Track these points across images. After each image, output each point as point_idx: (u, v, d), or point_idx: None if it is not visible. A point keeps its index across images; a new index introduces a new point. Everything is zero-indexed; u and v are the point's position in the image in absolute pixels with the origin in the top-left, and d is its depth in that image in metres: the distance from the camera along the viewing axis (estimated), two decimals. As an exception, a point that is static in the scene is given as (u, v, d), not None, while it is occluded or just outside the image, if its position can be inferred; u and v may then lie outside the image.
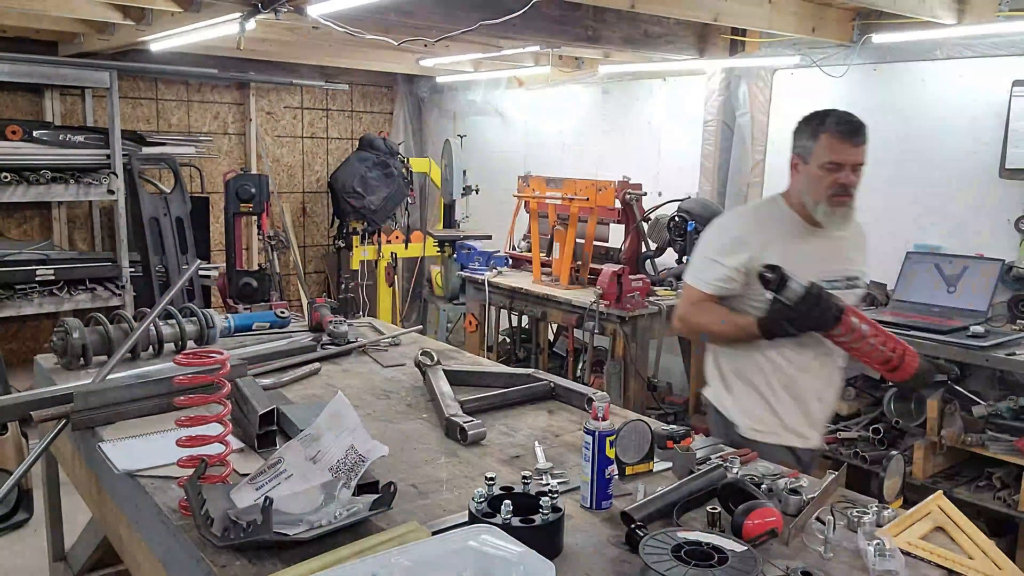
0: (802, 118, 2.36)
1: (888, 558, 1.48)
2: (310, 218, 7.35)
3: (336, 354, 2.87)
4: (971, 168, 4.02)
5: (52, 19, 4.59)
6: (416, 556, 1.29)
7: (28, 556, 3.68)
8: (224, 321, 2.98)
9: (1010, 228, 3.85)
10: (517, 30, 3.77)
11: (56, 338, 2.60)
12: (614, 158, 5.70)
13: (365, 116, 7.55)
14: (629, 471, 1.90)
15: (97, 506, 2.27)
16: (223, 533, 1.53)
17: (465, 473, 1.91)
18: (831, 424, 3.79)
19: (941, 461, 3.46)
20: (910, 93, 4.26)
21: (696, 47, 4.76)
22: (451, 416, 2.15)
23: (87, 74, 5.15)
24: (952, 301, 3.64)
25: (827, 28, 4.19)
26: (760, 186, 4.92)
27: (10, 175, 4.70)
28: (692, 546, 1.45)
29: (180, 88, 6.48)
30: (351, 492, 1.60)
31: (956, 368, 3.32)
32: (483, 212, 6.44)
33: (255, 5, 3.37)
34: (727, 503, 1.67)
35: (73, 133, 5.08)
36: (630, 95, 5.77)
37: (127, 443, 2.01)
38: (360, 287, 6.39)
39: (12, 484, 2.20)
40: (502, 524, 1.46)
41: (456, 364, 2.74)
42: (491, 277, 4.99)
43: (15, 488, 3.77)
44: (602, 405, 1.74)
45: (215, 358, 1.84)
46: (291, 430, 1.98)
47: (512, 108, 6.69)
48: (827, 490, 1.74)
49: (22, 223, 5.84)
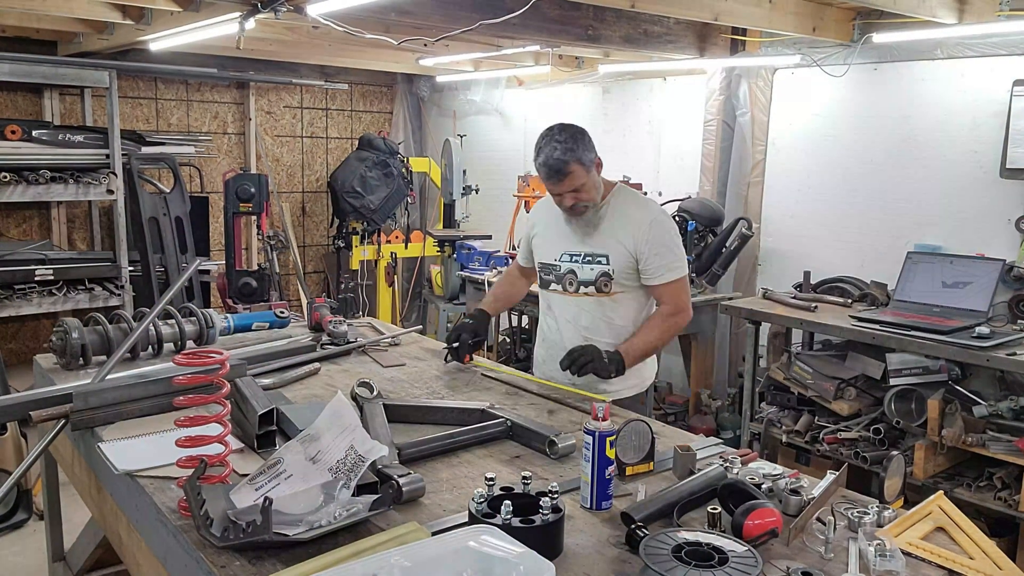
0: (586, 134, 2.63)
1: (888, 558, 1.48)
2: (310, 218, 7.35)
3: (336, 354, 2.86)
4: (971, 168, 4.02)
5: (52, 19, 4.59)
6: (416, 556, 1.29)
7: (28, 556, 3.68)
8: (224, 321, 2.97)
9: (1010, 228, 3.85)
10: (517, 30, 3.77)
11: (55, 338, 2.59)
12: (614, 157, 5.69)
13: (365, 116, 7.54)
14: (629, 471, 1.89)
15: (97, 506, 2.26)
16: (223, 533, 1.52)
17: (465, 473, 1.91)
18: (832, 424, 3.81)
19: (942, 461, 3.46)
20: (910, 93, 4.26)
21: (696, 46, 4.76)
22: (383, 468, 1.75)
23: (86, 74, 5.15)
24: (952, 301, 3.64)
25: (827, 28, 4.18)
26: (760, 185, 4.92)
27: (9, 175, 4.69)
28: (692, 546, 1.44)
29: (179, 88, 6.47)
30: (351, 492, 1.60)
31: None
32: (483, 212, 6.44)
33: (255, 4, 3.36)
34: (727, 503, 1.66)
35: (72, 133, 5.07)
36: (630, 94, 5.77)
37: (126, 443, 2.01)
38: (360, 287, 6.39)
39: (12, 484, 2.20)
40: (502, 524, 1.45)
41: (398, 399, 2.39)
42: (491, 277, 4.99)
43: (15, 488, 3.77)
44: (601, 406, 1.74)
45: (214, 358, 1.83)
46: (291, 430, 1.98)
47: (512, 108, 6.69)
48: (827, 490, 1.74)
49: (21, 223, 5.84)
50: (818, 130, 4.68)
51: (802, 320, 3.87)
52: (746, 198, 4.99)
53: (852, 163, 4.53)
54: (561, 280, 2.76)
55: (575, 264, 2.73)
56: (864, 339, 3.59)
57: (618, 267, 2.67)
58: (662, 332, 2.70)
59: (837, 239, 4.60)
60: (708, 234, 4.79)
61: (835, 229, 4.62)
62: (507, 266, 5.28)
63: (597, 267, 2.69)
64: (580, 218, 2.70)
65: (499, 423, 2.14)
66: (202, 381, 1.87)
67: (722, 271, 4.75)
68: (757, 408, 4.20)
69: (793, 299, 4.10)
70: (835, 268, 4.47)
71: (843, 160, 4.57)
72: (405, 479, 1.72)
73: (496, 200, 6.39)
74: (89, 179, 5.00)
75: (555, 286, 2.79)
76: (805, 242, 4.73)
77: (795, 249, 4.80)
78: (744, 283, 5.01)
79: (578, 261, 2.73)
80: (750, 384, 4.17)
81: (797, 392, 3.99)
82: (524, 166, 6.32)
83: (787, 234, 4.86)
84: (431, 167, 6.82)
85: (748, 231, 4.62)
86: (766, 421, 4.03)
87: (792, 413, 4.03)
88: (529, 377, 2.76)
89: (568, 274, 2.74)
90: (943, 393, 3.41)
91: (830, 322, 3.74)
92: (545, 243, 2.83)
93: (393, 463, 1.81)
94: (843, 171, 4.57)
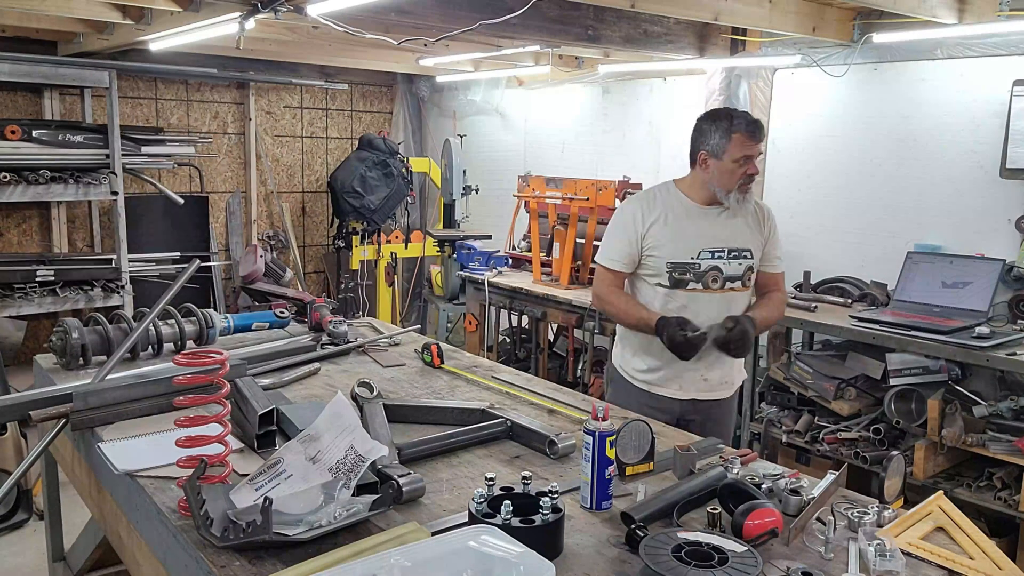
0: (706, 119, 2.69)
1: (888, 558, 1.48)
2: (310, 218, 7.35)
3: (336, 354, 2.86)
4: (971, 168, 4.02)
5: (51, 19, 4.59)
6: (416, 556, 1.29)
7: (28, 556, 3.68)
8: (223, 321, 2.97)
9: (1010, 228, 3.84)
10: (517, 30, 3.77)
11: (55, 338, 2.59)
12: (614, 158, 5.70)
13: (365, 116, 7.54)
14: (629, 471, 1.89)
15: (97, 506, 2.26)
16: (223, 533, 1.52)
17: (465, 473, 1.91)
18: (832, 424, 3.81)
19: (942, 461, 3.45)
20: (910, 93, 4.26)
21: (696, 46, 4.75)
22: (383, 468, 1.76)
23: (86, 74, 5.15)
24: (952, 301, 3.64)
25: (827, 28, 4.18)
26: (761, 185, 4.91)
27: (9, 175, 4.69)
28: (692, 546, 1.45)
29: (179, 88, 6.47)
30: (351, 492, 1.60)
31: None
32: (483, 212, 6.43)
33: (255, 4, 3.36)
34: (727, 503, 1.66)
35: (72, 133, 5.07)
36: (630, 94, 5.77)
37: (126, 443, 2.01)
38: (360, 287, 6.39)
39: (12, 484, 2.20)
40: (502, 524, 1.45)
41: (398, 399, 2.39)
42: (491, 277, 4.99)
43: (15, 488, 3.77)
44: (601, 406, 1.74)
45: (214, 358, 1.83)
46: (291, 430, 1.98)
47: (512, 108, 6.69)
48: (827, 490, 1.74)
49: (21, 223, 5.84)
50: (818, 130, 4.68)
51: (802, 320, 3.87)
52: (746, 198, 4.99)
53: (852, 163, 4.52)
54: (702, 278, 2.68)
55: (719, 260, 2.69)
56: (864, 339, 3.59)
57: (758, 259, 2.78)
58: (778, 312, 2.86)
59: (837, 239, 4.60)
60: (708, 234, 4.78)
61: (835, 229, 4.62)
62: (507, 265, 5.32)
63: (744, 261, 2.73)
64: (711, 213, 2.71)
65: (499, 423, 2.14)
66: (202, 381, 1.87)
67: (722, 271, 4.74)
68: (757, 408, 4.20)
69: (793, 299, 4.10)
70: (835, 268, 4.47)
71: (843, 160, 4.57)
72: (405, 479, 1.71)
73: (496, 200, 6.39)
74: (89, 179, 5.01)
75: (694, 284, 2.69)
76: (805, 242, 4.73)
77: (795, 249, 4.79)
78: (744, 283, 5.00)
79: (722, 257, 2.70)
80: (750, 384, 4.17)
81: (797, 392, 3.99)
82: (524, 166, 6.32)
83: (787, 234, 4.82)
84: (431, 167, 6.82)
85: (748, 231, 4.62)
86: (766, 421, 4.03)
87: (792, 413, 4.03)
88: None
89: (712, 271, 2.68)
90: (943, 393, 3.40)
91: (830, 322, 3.74)
92: (672, 242, 2.69)
93: (393, 463, 1.80)
94: (843, 171, 4.57)
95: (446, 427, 2.14)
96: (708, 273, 2.68)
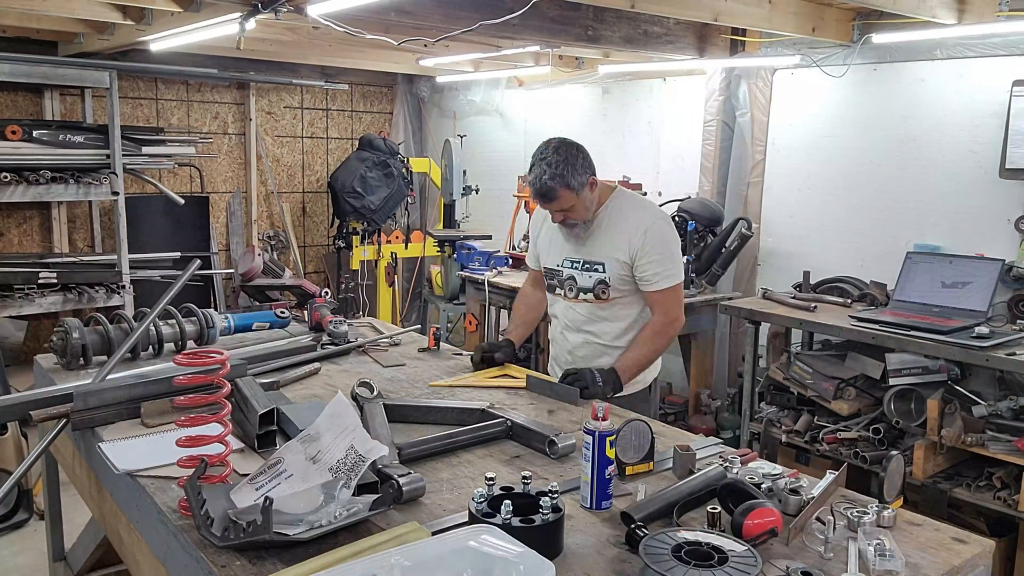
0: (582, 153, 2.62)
1: (888, 558, 1.48)
2: (310, 218, 7.35)
3: (336, 354, 2.87)
4: (971, 168, 4.02)
5: (52, 19, 4.59)
6: (416, 556, 1.29)
7: (28, 556, 3.68)
8: (224, 321, 2.98)
9: (1010, 228, 3.85)
10: (517, 30, 3.77)
11: (56, 338, 2.60)
12: (614, 158, 5.70)
13: (365, 116, 7.55)
14: (629, 471, 1.90)
15: (97, 506, 2.27)
16: (223, 533, 1.53)
17: (465, 473, 1.91)
18: (832, 424, 3.81)
19: (941, 461, 3.45)
20: (910, 93, 4.26)
21: (696, 47, 4.76)
22: (383, 468, 1.75)
23: (87, 74, 5.15)
24: (952, 301, 3.64)
25: (827, 28, 4.19)
26: (760, 186, 4.92)
27: (10, 175, 4.69)
28: (692, 546, 1.45)
29: (180, 88, 6.48)
30: (351, 492, 1.60)
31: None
32: (483, 212, 6.44)
33: (255, 5, 3.36)
34: (727, 503, 1.66)
35: (73, 133, 5.07)
36: (630, 95, 5.77)
37: (127, 443, 2.01)
38: (360, 287, 6.39)
39: (12, 484, 2.20)
40: (502, 524, 1.45)
41: (398, 399, 2.39)
42: (491, 277, 4.99)
43: (15, 488, 3.77)
44: (601, 406, 1.74)
45: (215, 358, 1.84)
46: (291, 430, 1.98)
47: (512, 108, 6.69)
48: (827, 490, 1.74)
49: (21, 223, 5.84)
50: (818, 130, 4.68)
51: (802, 320, 3.87)
52: (746, 198, 5.00)
53: (852, 163, 4.53)
54: (563, 285, 2.80)
55: (575, 271, 2.77)
56: (864, 339, 3.59)
57: (614, 275, 2.69)
58: (654, 345, 2.73)
59: (837, 239, 4.60)
60: (708, 234, 4.79)
61: (835, 229, 4.62)
62: (506, 265, 5.32)
63: (595, 275, 2.72)
64: (577, 226, 2.72)
65: (499, 423, 2.14)
66: (202, 381, 1.87)
67: (722, 271, 4.75)
68: (757, 408, 4.20)
69: (793, 299, 4.10)
70: (835, 268, 4.47)
71: (843, 160, 4.57)
72: (405, 479, 1.71)
73: (496, 200, 6.39)
74: (90, 179, 5.01)
75: (558, 291, 2.83)
76: (805, 242, 4.73)
77: (795, 249, 4.80)
78: (744, 283, 5.01)
79: (577, 268, 2.76)
80: (750, 384, 4.17)
81: (797, 392, 4.00)
82: (524, 166, 6.30)
83: (787, 234, 4.86)
84: (431, 167, 6.82)
85: (748, 231, 4.62)
86: (766, 421, 4.03)
87: (792, 413, 4.03)
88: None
89: (569, 280, 2.79)
90: (943, 393, 3.40)
91: (830, 322, 3.74)
92: (548, 248, 2.87)
93: (393, 463, 1.80)
94: (843, 171, 4.57)
95: (446, 427, 2.14)
96: (566, 282, 2.79)
